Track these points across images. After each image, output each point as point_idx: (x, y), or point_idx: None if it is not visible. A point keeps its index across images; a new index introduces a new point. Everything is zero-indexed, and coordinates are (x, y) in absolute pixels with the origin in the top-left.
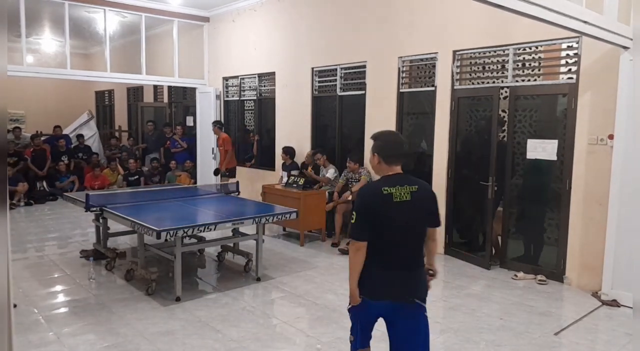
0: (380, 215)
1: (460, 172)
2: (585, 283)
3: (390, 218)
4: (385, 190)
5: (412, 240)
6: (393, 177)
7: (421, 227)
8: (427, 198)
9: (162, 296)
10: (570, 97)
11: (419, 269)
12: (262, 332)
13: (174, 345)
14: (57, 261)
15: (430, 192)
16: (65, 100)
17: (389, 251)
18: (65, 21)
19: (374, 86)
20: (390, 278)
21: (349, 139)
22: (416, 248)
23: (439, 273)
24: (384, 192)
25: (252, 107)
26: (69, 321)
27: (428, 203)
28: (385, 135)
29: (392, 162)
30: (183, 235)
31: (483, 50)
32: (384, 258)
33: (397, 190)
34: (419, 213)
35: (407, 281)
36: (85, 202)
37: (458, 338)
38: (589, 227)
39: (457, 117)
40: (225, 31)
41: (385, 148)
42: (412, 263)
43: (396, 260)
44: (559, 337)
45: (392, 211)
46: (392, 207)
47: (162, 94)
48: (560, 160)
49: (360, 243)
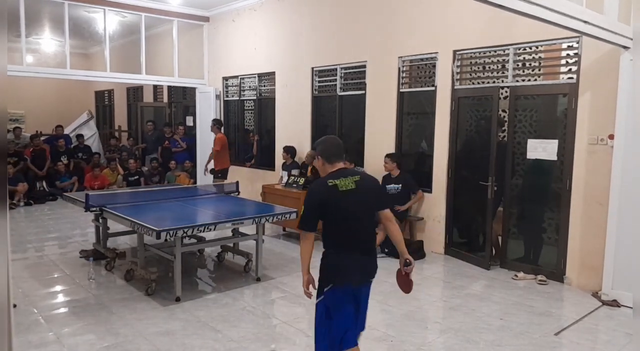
0: (329, 205)
1: (461, 172)
2: (585, 283)
3: (339, 207)
4: (330, 183)
5: (364, 226)
6: (336, 172)
7: (370, 211)
8: (371, 185)
9: (162, 297)
10: (571, 97)
11: (374, 252)
12: (262, 332)
13: (174, 345)
14: (57, 261)
15: (373, 179)
16: (65, 100)
17: (346, 238)
18: (65, 21)
19: (374, 86)
20: (354, 264)
21: (349, 139)
22: (369, 233)
23: (439, 273)
24: (329, 184)
25: (252, 107)
26: (68, 322)
27: (372, 189)
28: (325, 140)
29: (334, 161)
30: (183, 235)
31: (483, 50)
32: (344, 246)
33: (340, 181)
34: (365, 198)
35: (367, 265)
36: (85, 202)
37: (458, 338)
38: (589, 227)
39: (457, 117)
40: (225, 31)
41: (325, 150)
42: (369, 247)
43: (355, 246)
44: (559, 337)
45: (340, 201)
46: (339, 197)
47: (162, 94)
48: (560, 160)
49: (308, 234)
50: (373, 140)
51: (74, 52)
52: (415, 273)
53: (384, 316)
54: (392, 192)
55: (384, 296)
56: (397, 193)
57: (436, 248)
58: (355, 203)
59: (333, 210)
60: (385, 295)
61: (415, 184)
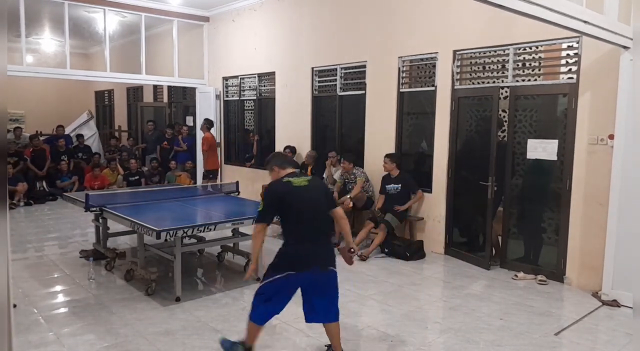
0: (286, 199)
1: (461, 172)
2: (585, 283)
3: (294, 200)
4: (285, 180)
5: (316, 218)
6: (290, 174)
7: (321, 206)
8: (320, 184)
9: (162, 297)
10: (571, 97)
11: (327, 244)
12: (262, 332)
13: (174, 345)
14: (57, 261)
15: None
16: (65, 100)
17: (300, 229)
18: (65, 21)
19: (374, 86)
20: (306, 253)
21: (349, 139)
22: (322, 224)
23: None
24: (284, 181)
25: (252, 107)
26: (68, 322)
27: (321, 187)
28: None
29: (286, 167)
30: (183, 235)
31: (483, 50)
32: (299, 236)
33: (295, 179)
34: (316, 195)
35: (320, 253)
36: (85, 202)
37: (458, 338)
38: (589, 227)
39: (457, 117)
40: (225, 31)
41: (277, 160)
42: (321, 237)
43: (308, 236)
44: (559, 337)
45: (294, 195)
46: (293, 192)
47: (162, 94)
48: (560, 160)
49: (261, 225)
50: (373, 140)
51: (74, 52)
52: (415, 273)
53: (384, 316)
54: (392, 192)
55: (384, 296)
56: (397, 193)
57: (436, 248)
58: (308, 198)
59: (289, 203)
60: (385, 295)
61: (415, 184)
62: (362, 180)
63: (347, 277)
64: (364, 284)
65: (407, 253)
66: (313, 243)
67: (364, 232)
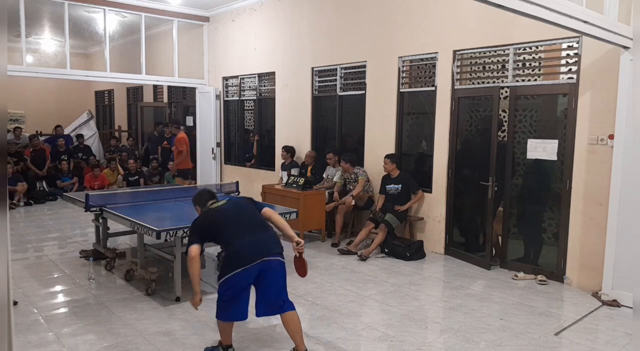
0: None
1: (461, 172)
2: (585, 283)
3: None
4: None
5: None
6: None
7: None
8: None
9: (162, 296)
10: (571, 97)
11: (265, 233)
12: (262, 332)
13: (173, 345)
14: (56, 261)
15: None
16: (65, 100)
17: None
18: (65, 21)
19: (374, 86)
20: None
21: (349, 139)
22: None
23: (439, 273)
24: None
25: (252, 107)
26: (68, 321)
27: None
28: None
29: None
30: (183, 235)
31: (483, 50)
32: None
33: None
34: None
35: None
36: (85, 202)
37: (458, 338)
38: (589, 227)
39: (457, 117)
40: (225, 31)
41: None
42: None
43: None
44: (559, 337)
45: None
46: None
47: (162, 94)
48: (560, 160)
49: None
50: (373, 140)
51: (74, 52)
52: (415, 273)
53: (384, 316)
54: (392, 192)
55: (384, 296)
56: (397, 193)
57: (436, 248)
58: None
59: (214, 220)
60: (385, 295)
61: (416, 183)
62: (363, 179)
63: (347, 277)
64: (364, 284)
65: (407, 253)
66: (252, 236)
67: (364, 232)
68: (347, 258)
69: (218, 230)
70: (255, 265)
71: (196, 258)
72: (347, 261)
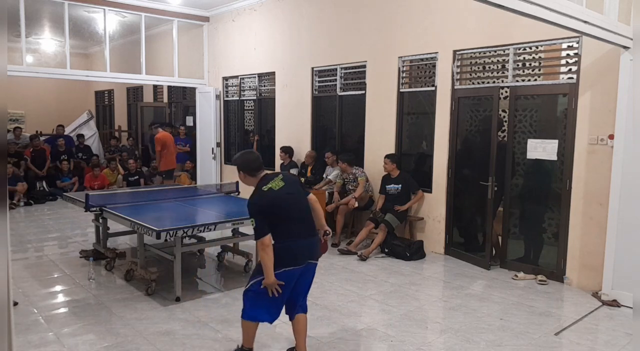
0: (273, 206)
1: (461, 172)
2: (585, 283)
3: (280, 203)
4: (265, 188)
5: (302, 213)
6: (263, 178)
7: (302, 200)
8: (293, 179)
9: (162, 296)
10: (571, 97)
11: (316, 237)
12: (262, 332)
13: (174, 345)
14: (56, 261)
15: (290, 175)
16: (65, 100)
17: (290, 229)
18: (65, 21)
19: (374, 86)
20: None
21: (349, 139)
22: (308, 219)
23: (439, 273)
24: (264, 190)
25: (252, 107)
26: (68, 321)
27: (295, 181)
28: (242, 155)
29: (256, 171)
30: (183, 235)
31: (483, 50)
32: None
33: (272, 183)
34: (294, 189)
35: (310, 247)
36: (85, 202)
37: (458, 338)
38: (589, 227)
39: (457, 117)
40: (225, 31)
41: (244, 164)
42: (309, 232)
43: (298, 232)
44: (559, 337)
45: (279, 199)
46: (276, 196)
47: (162, 94)
48: (560, 160)
49: (266, 240)
50: (373, 140)
51: (74, 52)
52: (415, 273)
53: (384, 316)
54: (392, 192)
55: (384, 296)
56: (397, 193)
57: (436, 248)
58: (289, 195)
59: (276, 208)
60: (386, 295)
61: (416, 183)
62: (363, 179)
63: (347, 277)
64: (364, 284)
65: (407, 253)
66: (304, 238)
67: (364, 232)
68: (347, 258)
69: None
70: (302, 267)
71: (270, 246)
72: (347, 261)
